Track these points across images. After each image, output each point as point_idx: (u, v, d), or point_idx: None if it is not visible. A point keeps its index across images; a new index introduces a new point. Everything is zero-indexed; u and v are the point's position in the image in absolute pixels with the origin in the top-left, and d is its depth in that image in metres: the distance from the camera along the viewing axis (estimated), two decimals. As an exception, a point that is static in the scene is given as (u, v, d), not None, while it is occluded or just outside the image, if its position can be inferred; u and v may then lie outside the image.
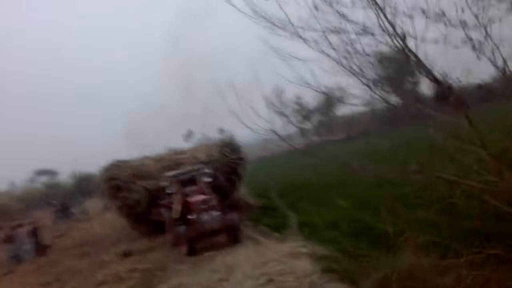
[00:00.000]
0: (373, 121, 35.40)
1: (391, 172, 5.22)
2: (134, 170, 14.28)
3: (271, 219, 11.44)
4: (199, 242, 10.56)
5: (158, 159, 15.41)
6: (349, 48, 4.76)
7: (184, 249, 10.50)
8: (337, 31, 4.72)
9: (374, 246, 6.30)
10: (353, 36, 4.73)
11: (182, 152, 16.32)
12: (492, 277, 3.54)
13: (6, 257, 15.47)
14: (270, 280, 6.40)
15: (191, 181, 12.69)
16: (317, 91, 5.20)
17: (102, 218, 22.58)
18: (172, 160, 14.93)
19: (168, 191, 12.38)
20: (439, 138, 4.10)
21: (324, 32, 4.72)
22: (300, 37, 4.82)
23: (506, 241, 4.20)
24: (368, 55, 4.84)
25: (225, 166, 14.59)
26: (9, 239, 15.40)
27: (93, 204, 31.79)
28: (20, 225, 16.63)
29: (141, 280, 8.92)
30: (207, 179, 12.65)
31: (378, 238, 6.42)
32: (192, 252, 10.32)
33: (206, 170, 13.00)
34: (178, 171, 13.02)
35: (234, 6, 4.85)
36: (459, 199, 4.62)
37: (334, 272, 5.58)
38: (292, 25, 4.75)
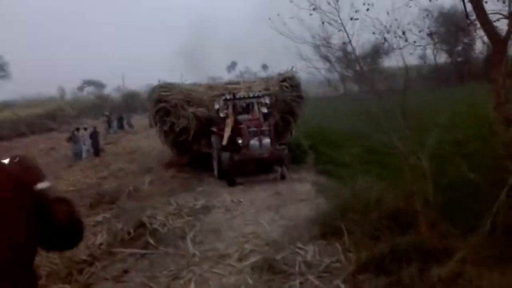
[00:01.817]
0: (418, 78, 34.87)
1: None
2: (185, 95, 13.08)
3: (292, 154, 12.15)
4: (244, 169, 10.19)
5: (210, 86, 14.26)
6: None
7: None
8: None
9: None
10: None
11: (237, 82, 15.08)
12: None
13: (69, 154, 18.19)
14: (277, 193, 8.63)
15: (248, 109, 12.04)
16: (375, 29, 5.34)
17: (147, 133, 24.31)
18: (226, 90, 13.44)
19: (221, 114, 11.63)
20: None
21: None
22: None
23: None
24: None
25: (282, 103, 12.97)
26: (73, 139, 17.95)
27: (138, 121, 34.36)
28: (85, 129, 19.41)
29: (181, 184, 10.85)
30: (264, 110, 11.73)
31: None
32: (232, 182, 9.85)
33: (265, 100, 12.02)
34: (236, 95, 11.94)
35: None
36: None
37: (323, 193, 7.46)
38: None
